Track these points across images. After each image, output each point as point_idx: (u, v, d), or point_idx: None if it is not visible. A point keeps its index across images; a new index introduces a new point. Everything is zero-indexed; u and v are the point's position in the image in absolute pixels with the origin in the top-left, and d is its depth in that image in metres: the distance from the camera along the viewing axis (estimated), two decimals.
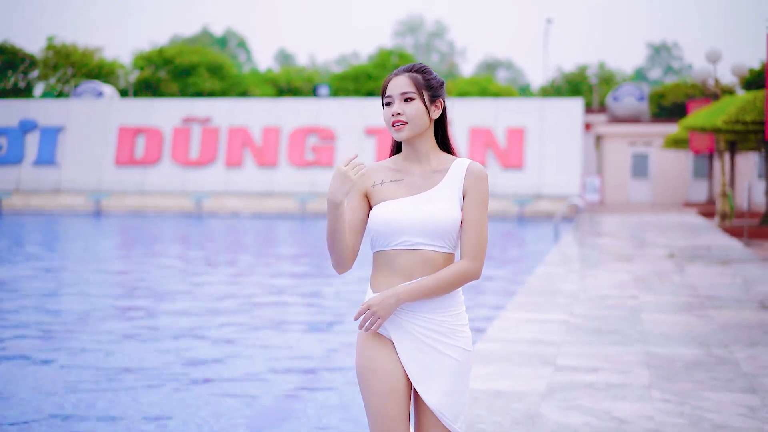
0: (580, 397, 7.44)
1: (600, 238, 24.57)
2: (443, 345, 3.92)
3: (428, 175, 3.97)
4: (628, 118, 48.90)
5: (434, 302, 3.91)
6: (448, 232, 3.89)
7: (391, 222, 3.89)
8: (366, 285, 5.23)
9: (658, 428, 6.59)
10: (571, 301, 12.86)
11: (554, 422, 6.73)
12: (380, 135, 42.04)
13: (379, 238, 3.95)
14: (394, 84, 3.94)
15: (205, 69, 61.37)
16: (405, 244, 3.90)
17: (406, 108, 3.90)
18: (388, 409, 3.91)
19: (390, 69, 61.87)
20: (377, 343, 3.96)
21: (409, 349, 3.92)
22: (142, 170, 43.23)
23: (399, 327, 3.93)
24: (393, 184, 3.98)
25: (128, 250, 25.39)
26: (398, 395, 3.91)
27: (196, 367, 10.26)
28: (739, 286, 14.46)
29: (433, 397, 3.89)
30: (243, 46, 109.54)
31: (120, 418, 8.14)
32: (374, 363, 3.94)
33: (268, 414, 8.50)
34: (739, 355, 9.13)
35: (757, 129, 21.83)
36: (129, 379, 9.62)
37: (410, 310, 3.91)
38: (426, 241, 3.88)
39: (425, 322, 3.91)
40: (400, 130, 3.92)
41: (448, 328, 3.93)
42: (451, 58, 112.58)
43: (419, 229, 3.88)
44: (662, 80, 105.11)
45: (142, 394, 8.95)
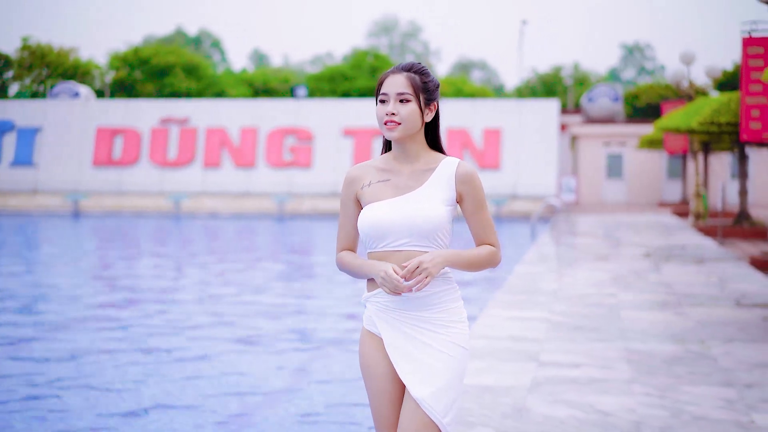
0: (565, 392, 7.70)
1: (576, 237, 24.89)
2: (435, 340, 3.92)
3: (416, 175, 3.97)
4: (603, 119, 49.33)
5: (424, 299, 3.91)
6: (432, 231, 3.89)
7: (376, 224, 3.90)
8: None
9: (640, 420, 6.86)
10: (551, 299, 13.13)
11: (541, 415, 6.98)
12: (358, 136, 42.25)
13: (367, 240, 3.97)
14: (391, 82, 3.93)
15: (181, 69, 61.43)
16: (391, 246, 3.91)
17: (401, 109, 3.90)
18: (382, 408, 3.99)
19: (365, 70, 62.10)
20: (373, 343, 4.01)
21: (399, 345, 3.93)
22: (120, 171, 43.27)
23: (389, 324, 3.96)
24: (380, 185, 3.98)
25: (106, 252, 25.49)
26: (390, 396, 3.97)
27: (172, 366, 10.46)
28: (714, 285, 14.78)
29: (421, 390, 3.87)
30: (217, 46, 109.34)
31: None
32: (370, 364, 4.00)
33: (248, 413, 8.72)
34: (716, 351, 9.42)
35: (731, 130, 22.18)
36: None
37: (400, 309, 3.93)
38: (411, 241, 3.89)
39: (415, 319, 3.93)
40: (392, 129, 3.91)
41: (437, 324, 3.93)
42: (425, 58, 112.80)
43: (403, 230, 3.89)
44: (635, 81, 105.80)
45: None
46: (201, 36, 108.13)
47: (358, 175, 4.05)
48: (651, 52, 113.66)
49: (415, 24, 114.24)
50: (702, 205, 30.27)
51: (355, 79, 61.46)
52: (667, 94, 53.10)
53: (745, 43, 15.59)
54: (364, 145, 41.91)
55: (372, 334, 4.03)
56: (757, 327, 10.83)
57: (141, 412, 8.40)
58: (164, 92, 59.66)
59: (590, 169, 47.14)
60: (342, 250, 4.10)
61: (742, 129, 15.82)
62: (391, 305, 3.94)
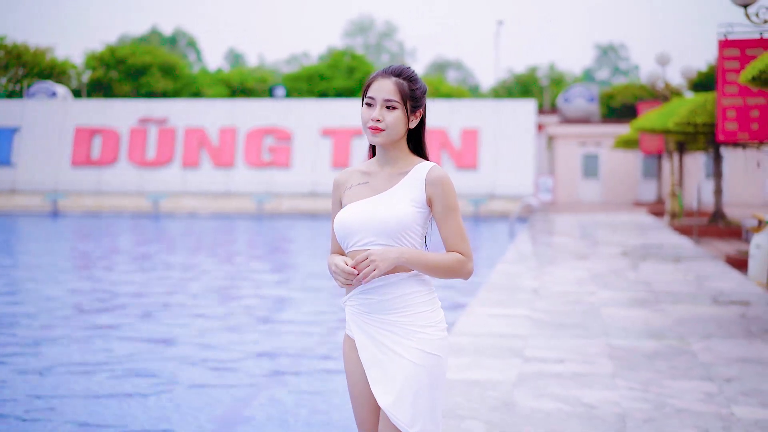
0: (550, 386, 7.92)
1: (554, 236, 25.16)
2: (399, 346, 3.85)
3: (390, 178, 3.96)
4: (579, 119, 49.70)
5: (386, 302, 3.87)
6: (397, 230, 3.84)
7: (345, 223, 3.91)
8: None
9: (625, 413, 7.09)
10: (533, 297, 13.37)
11: (528, 408, 7.20)
12: (336, 136, 42.43)
13: (340, 241, 3.97)
14: (379, 86, 3.90)
15: (158, 69, 61.39)
16: (358, 245, 3.89)
17: (387, 115, 3.87)
18: (362, 411, 4.00)
19: (343, 70, 62.23)
20: (349, 347, 4.01)
21: (369, 350, 3.90)
22: (99, 171, 43.27)
23: (360, 329, 3.94)
24: (359, 187, 3.99)
25: (85, 252, 25.56)
26: (366, 401, 3.97)
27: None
28: (691, 283, 15.06)
29: (385, 399, 3.83)
30: (193, 45, 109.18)
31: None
32: (348, 368, 4.01)
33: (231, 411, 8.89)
34: (696, 347, 9.67)
35: (707, 131, 22.49)
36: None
37: (366, 311, 3.91)
38: (376, 240, 3.86)
39: (380, 323, 3.89)
40: (376, 135, 3.89)
41: (403, 329, 3.87)
42: (401, 58, 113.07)
43: (369, 229, 3.86)
44: (610, 81, 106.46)
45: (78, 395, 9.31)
46: (176, 35, 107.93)
47: (344, 179, 4.07)
48: (625, 52, 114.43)
49: (391, 24, 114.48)
50: (677, 205, 30.63)
51: (332, 79, 61.60)
52: (642, 95, 53.54)
53: (721, 46, 15.86)
54: (342, 145, 42.10)
55: (350, 338, 4.03)
56: (734, 323, 11.10)
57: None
58: (141, 92, 59.63)
59: (566, 169, 47.50)
60: (333, 252, 4.11)
61: (719, 130, 16.10)
62: (362, 309, 3.92)
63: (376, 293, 3.88)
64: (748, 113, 15.78)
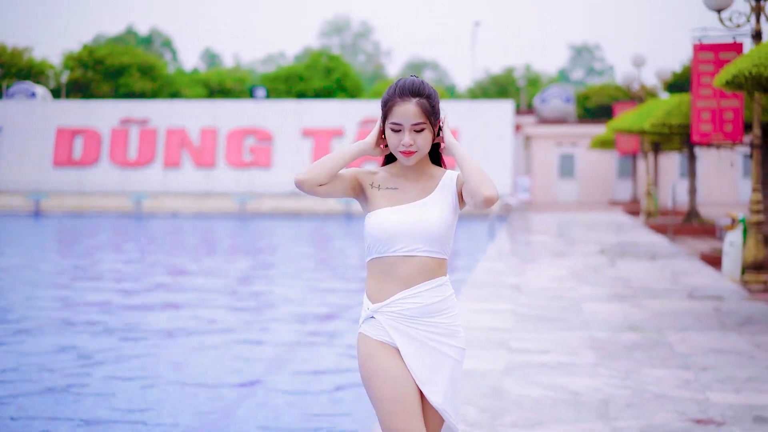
0: (537, 374, 8.39)
1: (533, 235, 25.67)
2: (445, 346, 4.04)
3: (422, 185, 4.10)
4: (555, 120, 50.28)
5: (433, 305, 4.02)
6: (443, 237, 4.03)
7: (390, 229, 3.98)
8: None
9: (607, 398, 7.56)
10: (515, 293, 13.85)
11: (517, 395, 7.67)
12: (316, 136, 42.86)
13: (376, 245, 4.03)
14: (403, 111, 3.99)
15: (136, 69, 61.54)
16: (403, 251, 3.99)
17: (418, 138, 4.01)
18: (401, 413, 3.98)
19: (321, 70, 62.55)
20: (382, 350, 4.04)
21: (413, 352, 4.01)
22: (81, 171, 43.52)
23: (403, 334, 4.02)
24: (389, 192, 4.09)
25: (68, 253, 25.84)
26: (409, 399, 4.00)
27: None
28: (667, 279, 15.58)
29: (437, 398, 4.00)
30: (168, 45, 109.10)
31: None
32: (383, 370, 4.01)
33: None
34: (672, 338, 10.16)
35: (681, 132, 23.05)
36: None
37: (411, 316, 4.01)
38: (423, 247, 4.00)
39: (426, 326, 4.02)
40: (409, 157, 4.03)
41: (447, 329, 4.05)
42: (377, 58, 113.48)
43: (416, 236, 3.99)
44: (584, 81, 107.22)
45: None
46: (152, 35, 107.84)
47: (376, 172, 4.16)
48: (599, 52, 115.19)
49: (367, 24, 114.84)
50: (653, 204, 31.22)
51: (310, 80, 61.94)
52: (618, 96, 54.17)
53: (695, 50, 16.38)
54: (323, 146, 42.52)
55: (384, 344, 4.04)
56: (709, 317, 11.60)
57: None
58: (119, 92, 59.79)
59: (543, 168, 48.05)
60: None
61: (693, 131, 16.62)
62: (406, 314, 4.02)
63: (424, 297, 4.02)
64: (722, 115, 16.33)
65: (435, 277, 4.04)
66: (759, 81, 11.22)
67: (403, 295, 4.02)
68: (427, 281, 4.02)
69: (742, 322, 11.23)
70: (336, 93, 61.32)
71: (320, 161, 4.05)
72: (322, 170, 4.02)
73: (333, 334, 12.62)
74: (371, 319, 4.08)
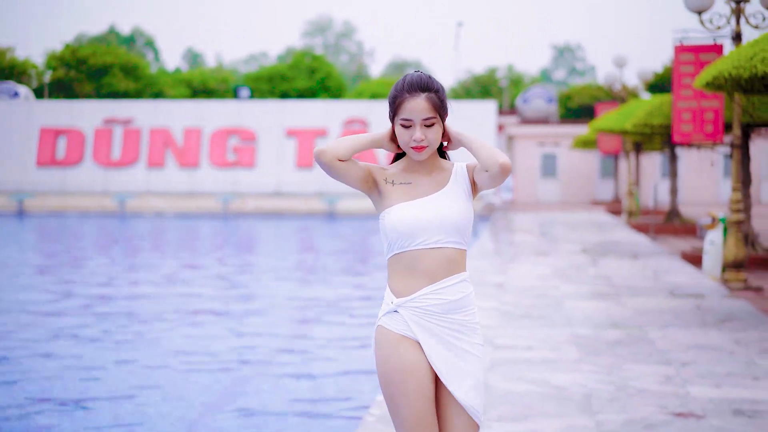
0: (521, 370, 8.56)
1: (516, 234, 25.86)
2: (466, 343, 4.07)
3: (435, 178, 4.13)
4: (537, 120, 50.56)
5: (454, 302, 4.04)
6: (465, 227, 4.07)
7: (412, 222, 4.02)
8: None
9: (591, 393, 7.73)
10: (499, 291, 14.02)
11: (503, 389, 7.83)
12: (300, 136, 42.98)
13: (399, 240, 4.05)
14: (413, 107, 4.02)
15: (119, 69, 61.50)
16: (425, 243, 4.03)
17: (428, 133, 4.05)
18: (423, 409, 4.03)
19: (304, 70, 62.66)
20: (409, 347, 4.06)
21: (437, 348, 4.04)
22: (64, 171, 43.53)
23: (424, 329, 4.05)
24: (403, 187, 4.12)
25: (52, 252, 25.90)
26: (430, 395, 4.05)
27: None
28: (649, 277, 15.78)
29: (463, 393, 4.03)
30: (151, 45, 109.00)
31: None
32: (406, 366, 4.03)
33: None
34: (654, 335, 10.35)
35: (663, 132, 23.27)
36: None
37: (436, 312, 4.04)
38: (446, 237, 4.03)
39: (448, 323, 4.04)
40: (421, 152, 4.06)
41: (467, 326, 4.08)
42: (360, 58, 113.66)
43: (439, 227, 4.02)
44: (566, 81, 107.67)
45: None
46: (134, 35, 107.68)
47: (387, 168, 4.20)
48: (581, 52, 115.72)
49: (350, 24, 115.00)
50: (634, 204, 31.46)
51: (293, 80, 62.05)
52: (599, 96, 54.47)
53: (676, 51, 16.58)
54: (306, 146, 42.64)
55: (406, 338, 4.06)
56: (689, 314, 11.80)
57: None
58: (102, 92, 59.74)
59: (526, 168, 48.28)
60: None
61: (674, 131, 16.82)
62: (431, 310, 4.04)
63: (448, 293, 4.05)
64: (703, 115, 16.53)
65: (458, 271, 4.07)
66: (738, 82, 11.41)
67: (429, 290, 4.03)
68: (451, 276, 4.05)
69: (723, 319, 11.43)
70: (319, 93, 61.44)
71: (340, 139, 4.11)
72: (342, 145, 4.07)
73: (316, 330, 12.76)
74: (394, 313, 4.08)
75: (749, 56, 11.02)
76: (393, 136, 4.19)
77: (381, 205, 4.15)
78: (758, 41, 11.22)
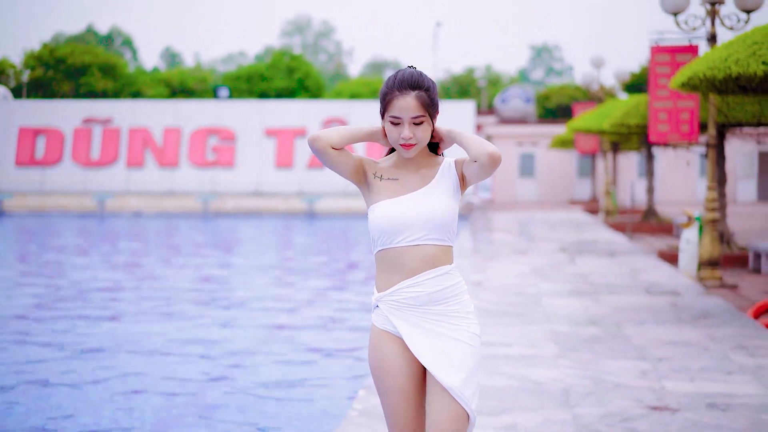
0: (500, 366, 8.71)
1: (495, 233, 26.04)
2: (453, 330, 4.04)
3: (422, 174, 4.12)
4: (516, 120, 50.82)
5: (436, 293, 4.04)
6: (447, 223, 4.05)
7: (393, 219, 4.03)
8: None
9: (568, 388, 7.90)
10: (478, 289, 14.18)
11: (482, 384, 7.97)
12: (280, 136, 43.07)
13: (381, 237, 4.06)
14: (403, 105, 4.01)
15: (98, 69, 61.41)
16: (407, 241, 4.03)
17: (417, 131, 4.03)
18: (401, 405, 4.09)
19: (283, 70, 62.72)
20: (390, 342, 4.09)
21: (419, 339, 4.04)
22: (43, 171, 43.47)
23: (405, 321, 4.06)
24: (390, 183, 4.12)
25: (31, 252, 25.91)
26: (409, 392, 4.08)
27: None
28: (626, 275, 15.99)
29: (450, 380, 3.98)
30: (129, 44, 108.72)
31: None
32: (385, 362, 4.08)
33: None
34: (630, 332, 10.53)
35: (639, 131, 23.53)
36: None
37: (413, 305, 4.05)
38: (427, 234, 4.03)
39: (430, 314, 4.04)
40: (409, 150, 4.05)
41: (454, 316, 4.06)
42: (338, 58, 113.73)
43: (420, 225, 4.02)
44: (544, 81, 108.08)
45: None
46: (112, 34, 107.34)
47: (376, 163, 4.22)
48: (559, 52, 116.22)
49: (328, 24, 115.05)
50: (612, 203, 31.74)
51: (272, 80, 62.11)
52: (577, 96, 54.79)
53: (653, 52, 16.80)
54: (286, 145, 42.75)
55: (387, 333, 4.10)
56: (665, 311, 11.99)
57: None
58: (81, 92, 59.65)
59: (504, 168, 48.50)
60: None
61: (651, 131, 17.04)
62: (408, 302, 4.05)
63: (427, 286, 4.04)
64: (678, 115, 16.76)
65: (439, 266, 4.07)
66: (713, 83, 11.61)
67: (406, 284, 4.04)
68: (431, 270, 4.03)
69: (698, 316, 11.63)
70: (298, 93, 61.51)
71: (337, 127, 4.13)
72: (336, 133, 4.09)
73: (300, 327, 12.89)
74: (377, 308, 4.14)
75: (723, 57, 11.22)
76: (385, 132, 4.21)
77: (368, 199, 4.17)
78: (732, 43, 11.42)
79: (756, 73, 10.62)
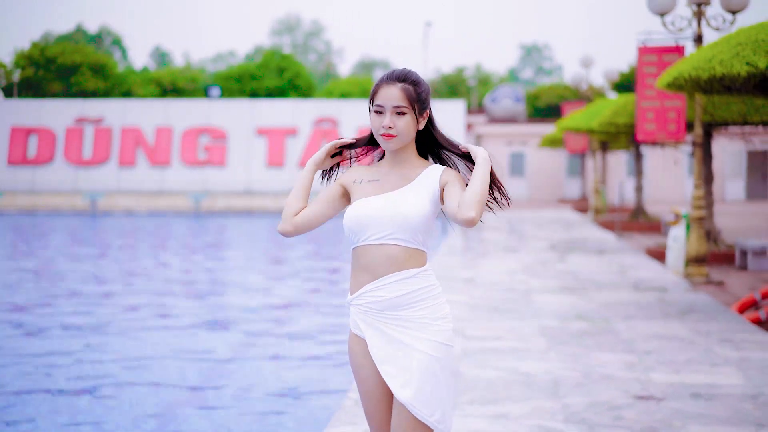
0: (491, 359, 8.94)
1: (485, 232, 26.28)
2: (414, 340, 3.92)
3: (403, 176, 4.05)
4: (505, 119, 51.07)
5: (398, 298, 3.94)
6: (416, 225, 3.93)
7: (360, 217, 3.96)
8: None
9: (557, 380, 8.13)
10: (469, 285, 14.42)
11: (474, 376, 8.21)
12: (271, 135, 43.24)
13: (350, 235, 4.00)
14: (386, 94, 3.97)
15: (88, 68, 61.45)
16: (372, 239, 3.95)
17: (398, 122, 3.96)
18: (371, 409, 4.07)
19: (273, 69, 62.88)
20: (359, 346, 4.05)
21: (381, 347, 3.96)
22: (35, 170, 43.56)
23: (370, 326, 3.99)
24: (370, 184, 4.06)
25: (25, 251, 26.03)
26: (379, 397, 4.05)
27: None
28: (614, 272, 16.23)
29: (404, 393, 3.89)
30: (118, 43, 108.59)
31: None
32: (357, 367, 4.07)
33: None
34: (618, 326, 10.77)
35: (628, 131, 23.78)
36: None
37: (376, 309, 3.97)
38: (393, 234, 3.93)
39: (392, 319, 3.94)
40: (389, 141, 3.98)
41: (417, 322, 3.93)
42: (328, 57, 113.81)
43: (387, 223, 3.93)
44: (534, 80, 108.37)
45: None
46: (102, 33, 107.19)
47: (352, 172, 4.16)
48: (548, 52, 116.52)
49: (318, 23, 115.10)
50: (601, 201, 32.00)
51: (263, 79, 62.26)
52: (566, 95, 55.06)
53: (640, 52, 17.04)
54: (277, 145, 42.93)
55: (357, 336, 4.06)
56: (652, 307, 12.24)
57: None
58: (72, 91, 59.70)
59: (494, 167, 48.60)
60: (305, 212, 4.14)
61: (638, 130, 17.28)
62: (371, 306, 3.97)
63: (388, 290, 3.95)
64: (666, 115, 17.01)
65: (405, 269, 3.95)
66: (698, 83, 11.83)
67: (370, 288, 3.96)
68: (394, 273, 3.94)
69: (684, 311, 11.87)
70: (288, 92, 61.67)
71: (286, 203, 4.12)
72: (291, 207, 4.09)
73: (290, 324, 13.08)
74: (350, 312, 4.10)
75: (708, 58, 11.45)
76: (327, 155, 4.19)
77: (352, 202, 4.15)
78: (717, 44, 11.65)
79: (739, 74, 10.84)
